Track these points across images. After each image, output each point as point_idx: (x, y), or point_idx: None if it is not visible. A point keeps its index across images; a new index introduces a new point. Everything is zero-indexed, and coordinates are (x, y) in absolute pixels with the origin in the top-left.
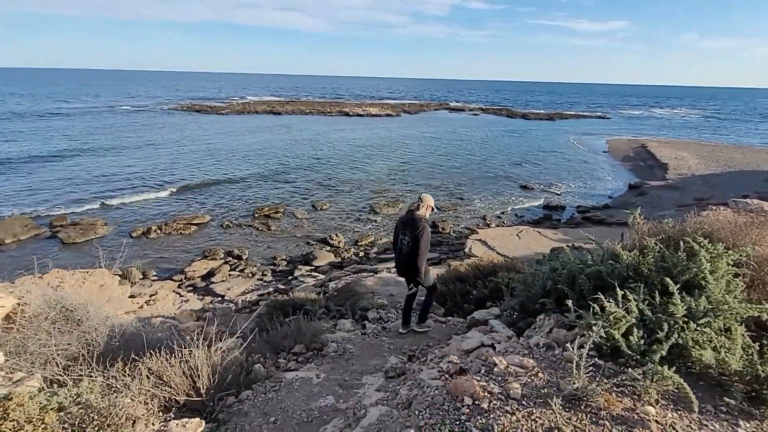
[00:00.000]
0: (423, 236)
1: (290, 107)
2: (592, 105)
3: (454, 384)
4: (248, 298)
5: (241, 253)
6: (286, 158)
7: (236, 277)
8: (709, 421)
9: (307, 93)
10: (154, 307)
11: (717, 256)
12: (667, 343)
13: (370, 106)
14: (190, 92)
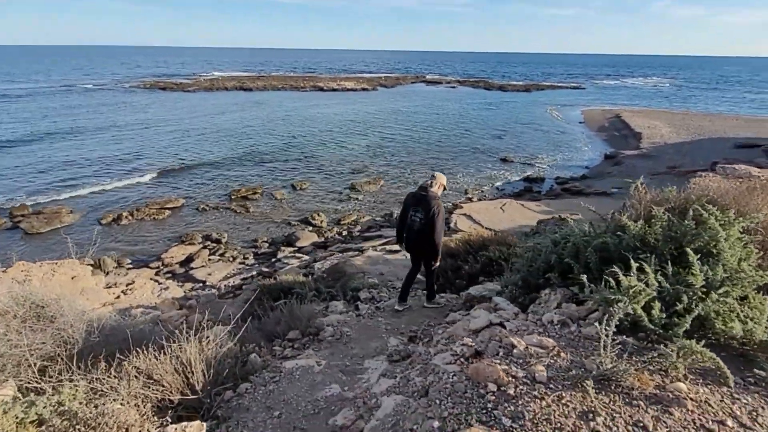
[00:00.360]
0: (439, 214)
1: (261, 83)
2: (567, 76)
3: (474, 369)
4: (231, 282)
5: (220, 236)
6: (261, 137)
7: (216, 262)
8: (741, 395)
9: (277, 67)
10: (132, 296)
11: (728, 222)
12: (690, 316)
13: (345, 80)
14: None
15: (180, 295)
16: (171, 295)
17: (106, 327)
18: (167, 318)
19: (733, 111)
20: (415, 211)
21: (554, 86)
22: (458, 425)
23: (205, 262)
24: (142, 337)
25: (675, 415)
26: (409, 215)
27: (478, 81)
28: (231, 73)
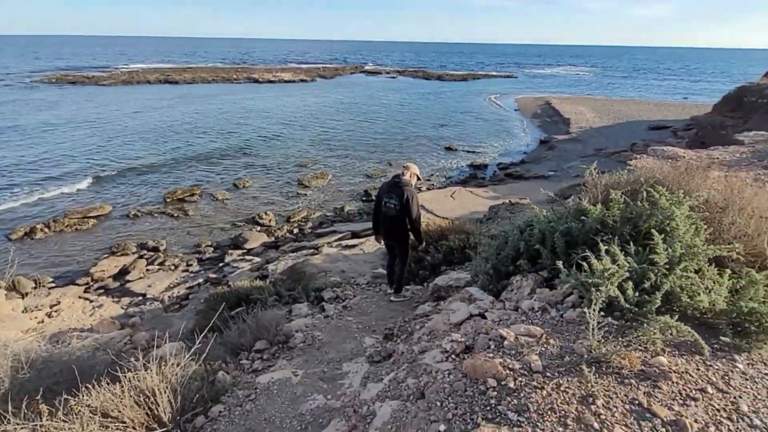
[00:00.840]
0: (413, 198)
1: (189, 75)
2: (499, 65)
3: (471, 366)
4: (176, 293)
5: (158, 244)
6: (193, 134)
7: (156, 272)
8: (712, 362)
9: (203, 58)
10: (60, 319)
11: (677, 202)
12: (659, 293)
13: (281, 71)
14: (55, 60)
15: (118, 312)
16: (108, 314)
17: (37, 359)
18: (108, 341)
19: (644, 96)
20: (388, 198)
21: (489, 75)
22: (465, 426)
23: (142, 273)
24: (84, 367)
25: (663, 388)
26: (383, 203)
27: (417, 71)
28: (153, 65)
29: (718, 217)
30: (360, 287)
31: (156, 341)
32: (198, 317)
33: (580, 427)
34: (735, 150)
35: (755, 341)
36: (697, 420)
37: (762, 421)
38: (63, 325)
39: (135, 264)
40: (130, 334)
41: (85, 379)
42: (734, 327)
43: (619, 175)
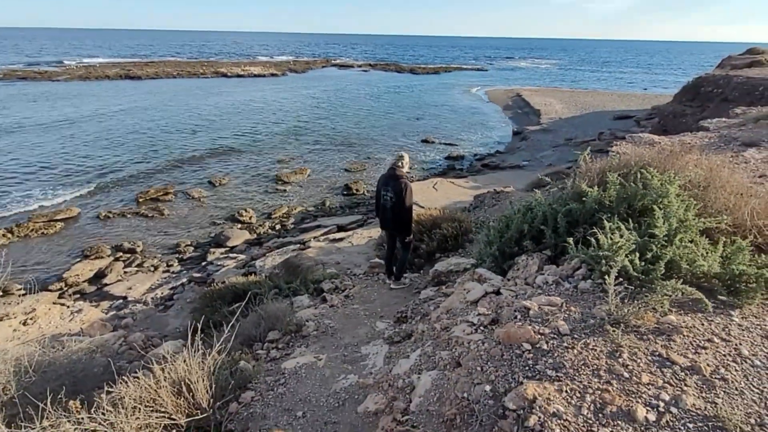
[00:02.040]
0: (406, 189)
1: (152, 69)
2: (470, 58)
3: (505, 333)
4: (159, 294)
5: (134, 245)
6: (161, 130)
7: (135, 274)
8: (712, 317)
9: (164, 51)
10: (37, 326)
11: (668, 181)
12: (662, 261)
13: (250, 65)
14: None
15: (97, 316)
16: (89, 318)
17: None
18: (102, 343)
19: (608, 88)
20: (385, 191)
21: (460, 68)
22: (509, 385)
23: (120, 276)
24: (86, 369)
25: (677, 341)
26: (382, 195)
27: (389, 64)
28: (110, 60)
29: (702, 194)
30: (358, 277)
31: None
32: (194, 314)
33: (612, 377)
34: (703, 136)
35: (746, 299)
36: (708, 364)
37: (761, 362)
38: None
39: (111, 267)
40: (125, 336)
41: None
42: (728, 288)
43: (611, 159)
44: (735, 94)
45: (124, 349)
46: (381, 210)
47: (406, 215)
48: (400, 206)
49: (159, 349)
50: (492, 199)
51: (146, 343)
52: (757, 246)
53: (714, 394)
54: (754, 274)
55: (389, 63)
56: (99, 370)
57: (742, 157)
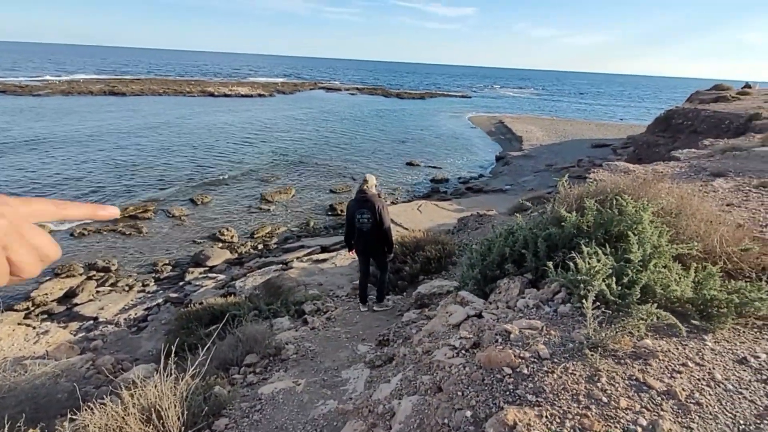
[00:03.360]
0: (384, 208)
1: (137, 86)
2: (455, 85)
3: (486, 357)
4: (132, 315)
5: (108, 264)
6: (144, 147)
7: (108, 294)
8: (686, 342)
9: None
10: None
11: (642, 208)
12: (638, 286)
13: (238, 85)
14: None
15: (66, 338)
16: (55, 340)
17: (1, 388)
18: (68, 367)
19: (586, 117)
20: (360, 214)
21: (445, 94)
22: (489, 410)
23: (92, 296)
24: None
25: (653, 365)
26: (357, 220)
27: (377, 88)
28: (95, 76)
29: (674, 221)
30: (340, 299)
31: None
32: (168, 336)
33: (591, 402)
34: (675, 165)
35: (717, 323)
36: (684, 389)
37: (733, 386)
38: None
39: (83, 286)
40: (93, 359)
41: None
42: (700, 312)
43: (588, 186)
44: (703, 127)
45: (92, 374)
46: (357, 235)
47: (387, 234)
48: (380, 227)
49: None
50: (475, 222)
51: (116, 366)
52: (726, 272)
53: (689, 419)
54: (724, 300)
55: (376, 87)
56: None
57: (711, 186)
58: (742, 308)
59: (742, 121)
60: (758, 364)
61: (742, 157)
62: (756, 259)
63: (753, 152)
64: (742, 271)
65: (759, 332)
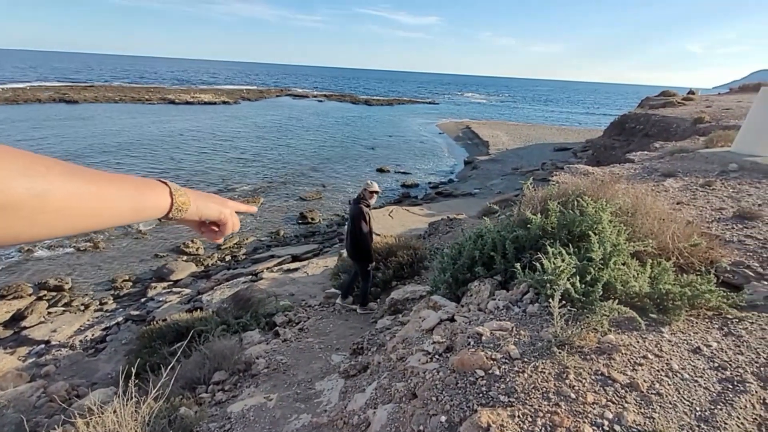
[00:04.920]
0: (359, 216)
1: (91, 94)
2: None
3: (459, 361)
4: (89, 336)
5: (61, 282)
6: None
7: (61, 315)
8: (645, 335)
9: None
10: None
11: (601, 209)
12: (600, 283)
13: (200, 92)
14: None
15: (13, 365)
16: (2, 367)
17: None
18: (17, 396)
19: (548, 122)
20: (346, 220)
21: (413, 101)
22: (464, 414)
23: (43, 318)
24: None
25: (617, 359)
26: (347, 223)
27: (345, 95)
28: (43, 83)
29: (630, 220)
30: (313, 309)
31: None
32: (129, 357)
33: (560, 399)
34: (630, 167)
35: (673, 315)
36: (645, 380)
37: (689, 375)
38: None
39: (33, 307)
40: (45, 386)
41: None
42: (657, 306)
43: (551, 188)
44: (654, 130)
45: (44, 402)
46: (345, 237)
47: (362, 241)
48: (355, 232)
49: (85, 400)
50: (446, 226)
51: (70, 393)
52: (679, 266)
53: (651, 409)
54: (678, 293)
55: (344, 94)
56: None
57: (662, 186)
58: (694, 300)
59: (688, 124)
60: (710, 352)
61: (689, 158)
62: (704, 253)
63: (698, 153)
64: (693, 265)
65: (710, 322)
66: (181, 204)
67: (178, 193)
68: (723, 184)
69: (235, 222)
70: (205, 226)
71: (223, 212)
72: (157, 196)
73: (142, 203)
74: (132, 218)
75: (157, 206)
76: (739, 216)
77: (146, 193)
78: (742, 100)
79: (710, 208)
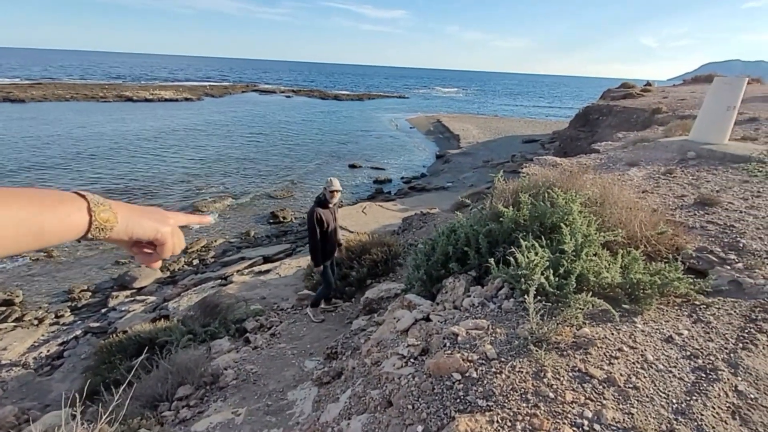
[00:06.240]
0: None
1: (39, 92)
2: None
3: (435, 364)
4: (44, 352)
5: (11, 296)
6: (53, 159)
7: (11, 331)
8: (619, 326)
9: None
10: None
11: (572, 200)
12: (573, 276)
13: (160, 88)
14: None
15: None
16: None
17: None
18: None
19: (516, 115)
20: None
21: (383, 95)
22: (441, 422)
23: None
24: None
25: (593, 353)
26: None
27: (313, 90)
28: None
29: (599, 210)
30: (286, 312)
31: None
32: (87, 374)
33: (539, 399)
34: (596, 157)
35: (644, 305)
36: (621, 374)
37: (663, 366)
38: None
39: None
40: None
41: None
42: (629, 296)
43: (522, 181)
44: (616, 121)
45: None
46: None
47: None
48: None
49: (37, 424)
50: (419, 221)
51: (20, 418)
52: (647, 254)
53: (629, 405)
54: (648, 282)
55: (313, 89)
56: None
57: (627, 176)
58: (663, 288)
59: (647, 115)
60: (682, 341)
61: (651, 148)
62: (670, 240)
63: (659, 143)
64: (660, 252)
65: (679, 309)
66: (104, 221)
67: (99, 209)
68: (683, 172)
69: (177, 242)
70: (138, 246)
71: (160, 231)
72: (68, 214)
73: (46, 224)
74: (34, 243)
75: (70, 226)
76: (700, 203)
77: (53, 211)
78: (695, 91)
79: (673, 195)
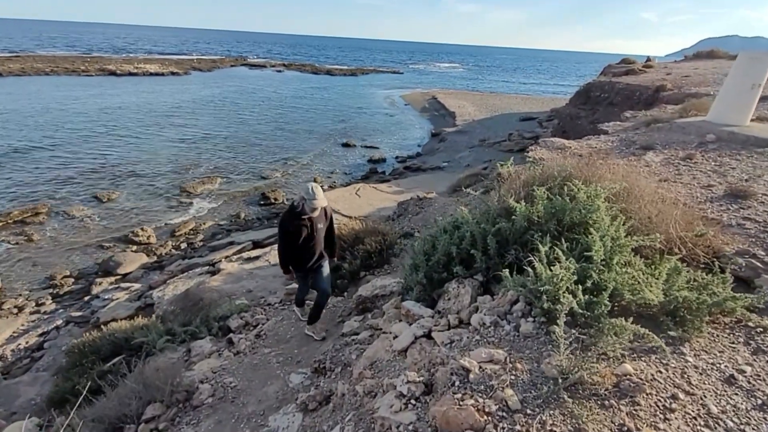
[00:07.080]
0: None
1: (17, 65)
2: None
3: (443, 417)
4: (23, 344)
5: None
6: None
7: None
8: (666, 360)
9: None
10: None
11: (595, 195)
12: (606, 293)
13: (145, 62)
14: None
15: None
16: None
17: None
18: None
19: (513, 91)
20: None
21: (376, 70)
22: None
23: None
24: None
25: (642, 403)
26: None
27: (305, 65)
28: None
29: (626, 206)
30: (273, 307)
31: None
32: (57, 378)
33: None
34: (606, 139)
35: (692, 329)
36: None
37: (732, 421)
38: None
39: None
40: None
41: None
42: (670, 315)
43: (533, 170)
44: (618, 99)
45: None
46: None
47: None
48: None
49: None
50: (416, 206)
51: None
52: (682, 260)
53: None
54: (695, 300)
55: (305, 64)
56: None
57: (644, 161)
58: (713, 308)
59: (651, 92)
60: (746, 381)
61: (666, 129)
62: (708, 243)
63: (674, 124)
64: (697, 257)
65: (732, 334)
66: None
67: None
68: (704, 157)
69: None
70: None
71: None
72: None
73: None
74: None
75: None
76: (731, 194)
77: None
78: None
79: (698, 185)
